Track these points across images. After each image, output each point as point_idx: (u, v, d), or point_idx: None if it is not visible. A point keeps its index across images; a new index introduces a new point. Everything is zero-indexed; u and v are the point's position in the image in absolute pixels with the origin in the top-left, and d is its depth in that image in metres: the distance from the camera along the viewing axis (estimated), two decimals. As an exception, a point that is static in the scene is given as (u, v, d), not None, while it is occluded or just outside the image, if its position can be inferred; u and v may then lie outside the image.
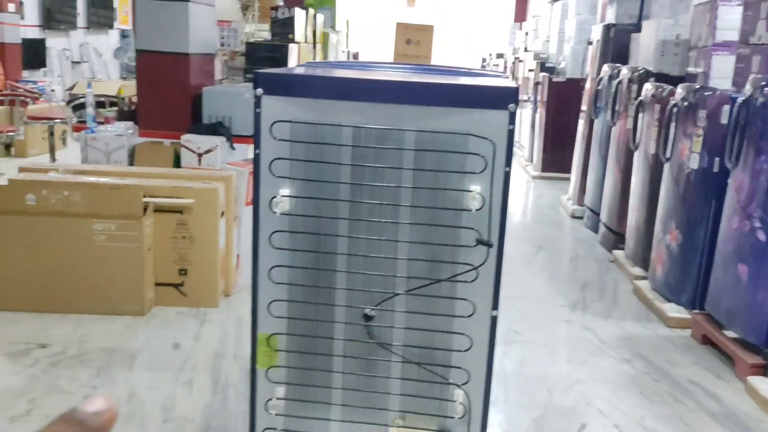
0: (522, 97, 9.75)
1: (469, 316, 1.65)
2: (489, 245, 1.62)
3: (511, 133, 1.59)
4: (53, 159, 6.43)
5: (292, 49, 5.64)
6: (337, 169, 1.61)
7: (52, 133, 6.58)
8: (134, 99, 4.59)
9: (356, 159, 1.60)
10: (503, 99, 1.57)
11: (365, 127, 1.58)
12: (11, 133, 5.82)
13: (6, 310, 3.41)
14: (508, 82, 1.75)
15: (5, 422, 2.47)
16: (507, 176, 1.61)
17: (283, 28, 6.17)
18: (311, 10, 8.06)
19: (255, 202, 1.65)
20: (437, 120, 1.57)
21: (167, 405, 2.65)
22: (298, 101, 1.60)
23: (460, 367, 1.68)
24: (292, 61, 5.51)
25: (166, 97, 4.11)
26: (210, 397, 2.73)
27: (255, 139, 1.61)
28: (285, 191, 1.63)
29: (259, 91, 1.60)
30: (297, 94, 1.60)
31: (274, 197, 1.62)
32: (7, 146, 7.42)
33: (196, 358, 3.05)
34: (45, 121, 6.40)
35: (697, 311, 3.61)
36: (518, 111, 1.57)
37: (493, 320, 1.67)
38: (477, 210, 1.60)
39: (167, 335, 3.27)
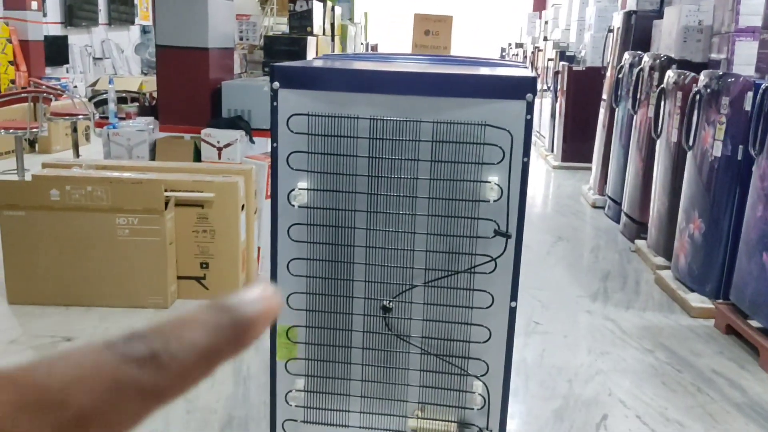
0: (542, 86, 9.68)
1: (488, 307, 1.65)
2: (507, 236, 1.61)
3: (528, 123, 1.58)
4: (77, 155, 6.52)
5: (311, 42, 5.65)
6: (354, 162, 1.62)
7: (75, 129, 6.66)
8: (155, 94, 4.63)
9: (373, 151, 1.60)
10: (520, 89, 1.56)
11: (382, 119, 1.58)
12: (35, 130, 5.90)
13: (31, 304, 3.47)
14: (526, 72, 1.74)
15: (33, 414, 2.52)
16: (525, 167, 1.61)
17: (301, 21, 6.18)
18: (329, 3, 8.06)
19: (273, 196, 1.66)
20: (454, 111, 1.57)
21: (190, 396, 2.69)
22: (314, 94, 1.60)
23: (479, 359, 1.68)
24: (311, 54, 5.51)
25: (186, 92, 4.14)
26: (232, 388, 2.76)
27: (272, 132, 1.62)
28: (303, 184, 1.63)
29: (276, 84, 1.60)
30: (313, 87, 1.60)
31: (292, 190, 1.63)
32: (32, 143, 7.53)
33: (218, 351, 3.08)
34: (68, 117, 6.48)
35: (720, 301, 3.57)
36: (538, 101, 1.57)
37: (512, 311, 1.66)
38: (495, 201, 1.59)
39: (190, 328, 3.31)
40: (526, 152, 1.59)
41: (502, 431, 1.72)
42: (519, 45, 14.50)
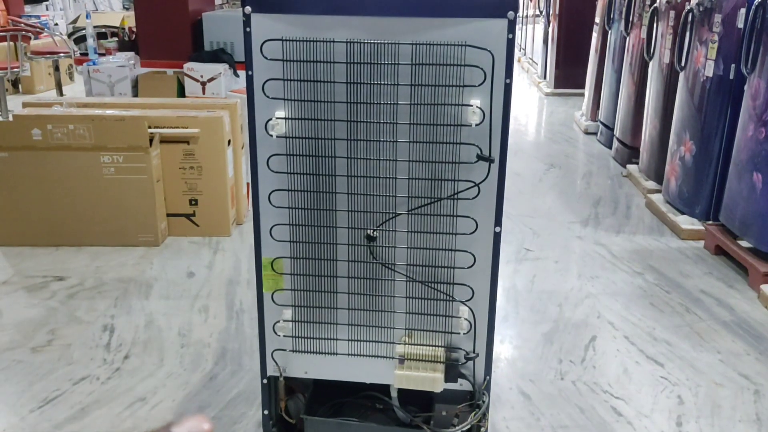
0: (535, 11, 9.44)
1: (472, 233, 1.64)
2: (490, 161, 1.58)
3: (510, 43, 1.53)
4: (60, 94, 6.40)
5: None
6: (332, 88, 1.57)
7: (57, 68, 6.52)
8: (134, 29, 4.51)
9: (351, 76, 1.56)
10: (501, 6, 1.50)
11: (359, 42, 1.53)
12: (16, 70, 5.76)
13: (21, 245, 3.46)
14: (507, -11, 1.67)
15: (27, 353, 2.54)
16: (508, 88, 1.56)
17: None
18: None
19: (251, 126, 1.62)
20: (433, 32, 1.52)
21: (184, 331, 2.71)
22: (288, 18, 1.54)
23: (464, 284, 1.68)
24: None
25: (166, 25, 4.03)
26: (225, 322, 2.78)
27: (246, 60, 1.57)
28: (280, 113, 1.60)
29: (248, 9, 1.54)
30: (287, 10, 1.54)
31: (270, 120, 1.59)
32: (15, 83, 7.38)
33: (211, 286, 3.10)
34: (49, 55, 6.34)
35: (710, 222, 3.58)
36: (531, 27, 1.50)
37: (497, 236, 1.65)
38: (477, 125, 1.56)
39: (181, 264, 3.31)
40: (509, 73, 1.55)
41: (489, 355, 1.74)
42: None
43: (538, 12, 9.06)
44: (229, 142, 3.61)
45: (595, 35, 6.05)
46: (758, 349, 2.63)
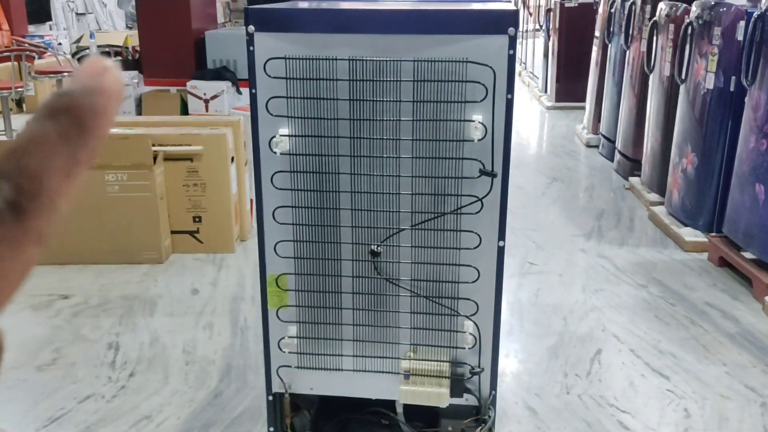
0: (535, 25, 9.50)
1: (475, 247, 1.64)
2: (493, 175, 1.59)
3: (511, 59, 1.54)
4: (64, 113, 6.41)
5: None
6: (335, 105, 1.59)
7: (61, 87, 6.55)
8: (138, 48, 4.55)
9: (354, 94, 1.57)
10: (502, 23, 1.52)
11: (361, 59, 1.55)
12: (20, 89, 5.81)
13: (27, 263, 3.47)
14: (507, 5, 1.69)
15: (32, 371, 2.55)
16: (509, 103, 1.58)
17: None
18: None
19: (254, 143, 1.63)
20: (434, 49, 1.53)
21: (189, 348, 2.71)
22: (291, 37, 1.56)
23: (468, 299, 1.69)
24: None
25: (169, 44, 4.06)
26: (230, 339, 2.79)
27: (250, 78, 1.59)
28: (284, 131, 1.61)
29: (251, 28, 1.56)
30: (290, 29, 1.56)
31: (273, 137, 1.60)
32: (19, 102, 7.43)
33: (215, 302, 3.10)
34: (53, 75, 6.37)
35: (714, 234, 3.58)
36: (531, 41, 1.52)
37: (500, 250, 1.66)
38: (479, 140, 1.57)
39: (186, 281, 3.32)
40: (510, 89, 1.56)
41: (494, 369, 1.74)
42: (510, -16, 14.19)
43: (538, 26, 9.12)
44: (232, 158, 3.63)
45: (595, 49, 6.08)
46: (764, 360, 2.62)
